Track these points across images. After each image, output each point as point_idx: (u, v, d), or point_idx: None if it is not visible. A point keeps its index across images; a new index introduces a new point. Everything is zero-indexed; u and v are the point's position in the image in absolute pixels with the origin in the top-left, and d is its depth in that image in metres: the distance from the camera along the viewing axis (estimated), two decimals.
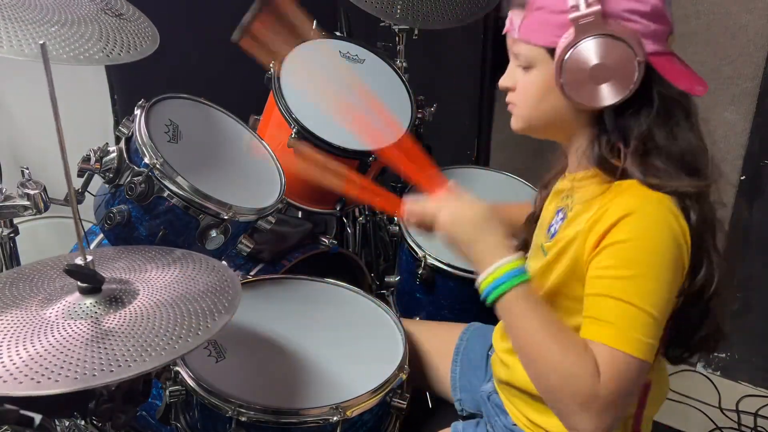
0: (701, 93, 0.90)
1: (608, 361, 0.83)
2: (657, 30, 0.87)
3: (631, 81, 0.85)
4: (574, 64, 0.86)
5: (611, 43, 0.84)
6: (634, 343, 0.83)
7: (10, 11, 1.10)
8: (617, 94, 0.86)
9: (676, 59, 0.91)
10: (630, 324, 0.83)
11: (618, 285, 0.85)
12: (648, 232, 0.85)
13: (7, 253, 1.22)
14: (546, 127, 0.98)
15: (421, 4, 1.71)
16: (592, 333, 0.85)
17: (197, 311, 0.89)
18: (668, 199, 0.86)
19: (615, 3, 0.85)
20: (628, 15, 0.86)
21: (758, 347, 2.07)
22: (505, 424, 1.11)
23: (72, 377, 0.75)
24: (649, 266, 0.84)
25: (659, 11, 0.87)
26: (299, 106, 1.52)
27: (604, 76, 0.85)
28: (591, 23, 0.84)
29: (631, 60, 0.84)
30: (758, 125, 1.85)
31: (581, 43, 0.85)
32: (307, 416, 1.05)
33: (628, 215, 0.85)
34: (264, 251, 1.50)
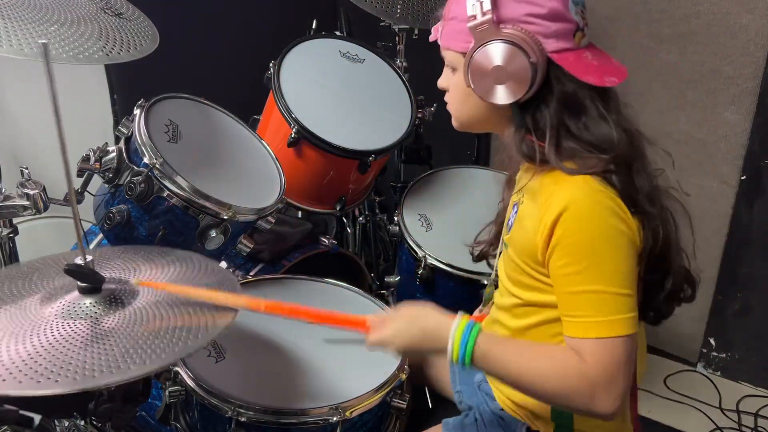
0: (613, 84, 0.94)
1: (597, 351, 0.88)
2: (559, 29, 0.92)
3: (527, 80, 0.91)
4: (477, 68, 0.94)
5: (505, 48, 0.91)
6: (614, 325, 0.87)
7: (10, 11, 1.10)
8: (517, 92, 0.93)
9: (586, 53, 0.95)
10: (603, 310, 0.88)
11: (578, 279, 0.89)
12: (585, 221, 0.89)
13: (6, 253, 1.22)
14: (477, 124, 1.05)
15: (421, 4, 1.72)
16: (574, 331, 0.90)
17: (197, 312, 0.89)
18: (590, 179, 0.90)
19: (511, 9, 0.92)
20: (527, 18, 0.92)
21: (758, 347, 2.07)
22: (493, 410, 1.12)
23: (72, 377, 0.75)
24: (598, 251, 0.89)
25: (558, 12, 0.92)
26: (299, 106, 1.52)
27: (503, 77, 0.92)
28: (486, 30, 0.92)
29: (524, 62, 0.90)
30: (758, 125, 1.85)
31: (479, 48, 0.93)
32: (307, 416, 1.05)
33: (563, 211, 0.89)
34: (264, 251, 1.50)
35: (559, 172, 0.93)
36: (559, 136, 0.93)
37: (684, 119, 1.94)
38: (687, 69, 1.88)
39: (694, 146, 1.95)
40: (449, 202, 1.69)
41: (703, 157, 1.95)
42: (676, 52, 1.88)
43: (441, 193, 1.71)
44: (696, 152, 1.95)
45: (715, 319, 2.09)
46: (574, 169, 0.91)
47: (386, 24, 1.77)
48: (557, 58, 0.92)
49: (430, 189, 1.72)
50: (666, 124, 1.95)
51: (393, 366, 1.16)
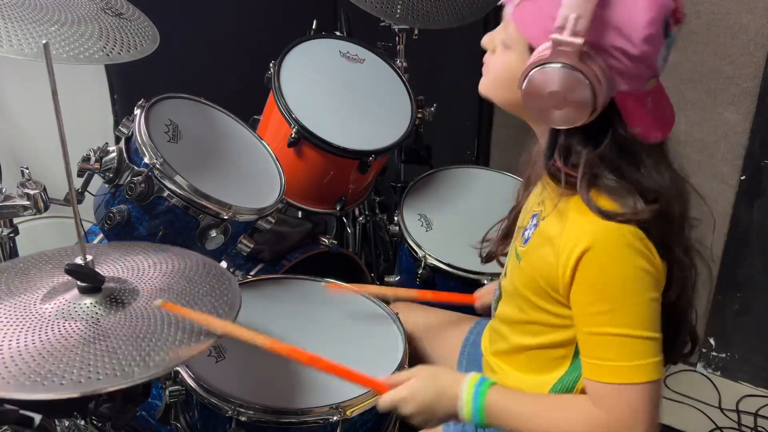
0: (655, 140, 0.88)
1: (617, 398, 0.85)
2: (638, 73, 0.84)
3: (581, 119, 0.83)
4: (537, 80, 0.84)
5: (577, 81, 0.81)
6: (637, 371, 0.84)
7: (10, 11, 1.10)
8: (566, 123, 0.85)
9: (647, 99, 0.88)
10: (626, 354, 0.85)
11: (603, 320, 0.86)
12: (612, 260, 0.85)
13: (6, 253, 1.22)
14: (506, 107, 0.97)
15: (421, 4, 1.71)
16: (594, 374, 0.87)
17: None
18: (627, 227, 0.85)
19: (604, 37, 0.81)
20: (613, 51, 0.82)
21: (758, 347, 2.06)
22: None
23: (76, 380, 0.75)
24: (624, 294, 0.85)
25: (647, 57, 0.83)
26: (299, 105, 1.52)
27: (559, 104, 0.83)
28: (569, 52, 0.81)
29: (588, 103, 0.82)
30: (758, 125, 1.85)
31: (550, 64, 0.82)
32: (307, 416, 1.05)
33: (589, 249, 0.85)
34: (264, 251, 1.50)
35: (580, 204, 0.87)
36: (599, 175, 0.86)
37: (684, 119, 1.94)
38: (687, 69, 1.88)
39: (694, 146, 1.94)
40: (449, 202, 1.69)
41: (703, 157, 1.95)
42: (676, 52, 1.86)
43: (441, 193, 1.71)
44: (696, 152, 1.95)
45: (715, 319, 2.09)
46: (607, 211, 0.84)
47: (386, 24, 1.77)
48: (620, 99, 0.84)
49: (430, 189, 1.72)
50: None
51: (393, 366, 1.16)
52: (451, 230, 1.58)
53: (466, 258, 1.44)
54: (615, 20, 0.80)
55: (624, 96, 0.85)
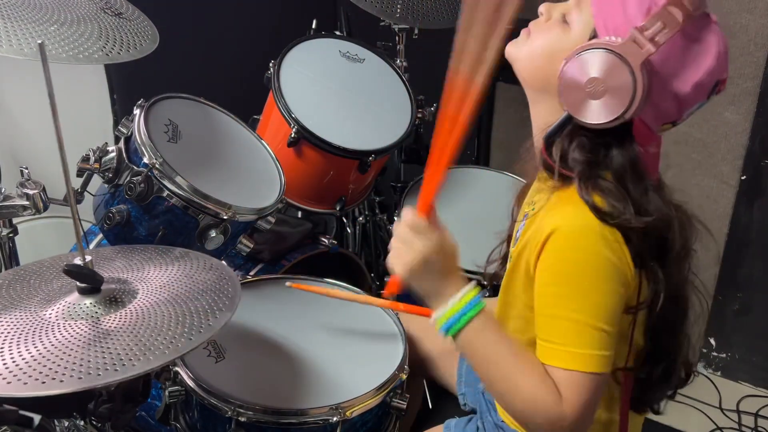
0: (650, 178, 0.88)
1: (567, 383, 0.84)
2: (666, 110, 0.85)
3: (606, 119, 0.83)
4: (591, 62, 0.82)
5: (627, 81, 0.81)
6: (587, 360, 0.83)
7: (9, 10, 1.10)
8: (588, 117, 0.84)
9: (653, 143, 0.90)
10: (579, 341, 0.83)
11: (558, 302, 0.85)
12: (573, 243, 0.84)
13: (6, 253, 1.22)
14: (529, 79, 0.94)
15: (421, 4, 1.71)
16: (547, 356, 0.86)
17: (197, 310, 0.89)
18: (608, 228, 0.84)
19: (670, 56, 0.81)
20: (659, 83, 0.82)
21: (758, 347, 2.07)
22: (495, 421, 1.11)
23: (76, 377, 0.75)
24: (583, 279, 0.84)
25: (684, 101, 0.84)
26: (299, 105, 1.52)
27: (596, 94, 0.83)
28: (636, 53, 0.80)
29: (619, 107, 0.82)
30: (758, 125, 1.85)
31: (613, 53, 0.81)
32: (306, 416, 1.05)
33: (553, 232, 0.84)
34: (264, 251, 1.50)
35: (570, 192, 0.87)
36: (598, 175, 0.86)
37: None
38: None
39: (694, 146, 1.95)
40: (449, 202, 1.68)
41: (703, 157, 1.95)
42: None
43: (441, 193, 1.71)
44: (696, 152, 1.95)
45: (715, 319, 2.09)
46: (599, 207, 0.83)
47: (386, 24, 1.77)
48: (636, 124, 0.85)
49: None
50: None
51: (393, 366, 1.15)
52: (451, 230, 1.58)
53: (466, 258, 1.44)
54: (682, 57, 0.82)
55: (640, 125, 0.86)
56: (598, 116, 0.83)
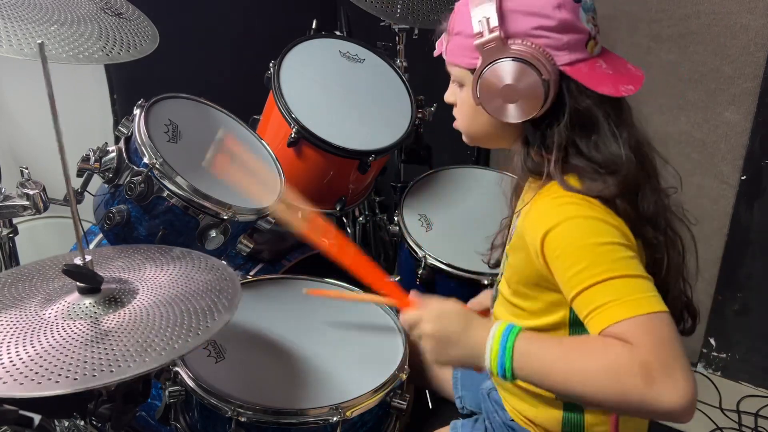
0: (628, 93, 0.90)
1: (631, 331, 0.79)
2: (571, 40, 0.89)
3: (539, 98, 0.88)
4: (485, 86, 0.91)
5: (515, 66, 0.88)
6: (640, 303, 0.80)
7: (9, 10, 1.10)
8: (529, 111, 0.90)
9: (600, 61, 0.92)
10: (622, 292, 0.81)
11: (586, 275, 0.84)
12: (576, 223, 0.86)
13: (6, 253, 1.22)
14: (486, 139, 1.03)
15: (421, 4, 1.71)
16: (600, 322, 0.82)
17: (197, 310, 0.89)
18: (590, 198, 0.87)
19: (518, 23, 0.88)
20: (535, 32, 0.88)
21: (758, 347, 2.06)
22: (504, 420, 1.11)
23: (72, 378, 0.75)
24: (595, 245, 0.84)
25: (569, 23, 0.88)
26: (299, 105, 1.52)
27: (514, 96, 0.89)
28: (494, 48, 0.88)
29: (536, 80, 0.87)
30: (758, 125, 1.85)
31: (487, 67, 0.90)
32: (306, 416, 1.05)
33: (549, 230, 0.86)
34: (264, 251, 1.50)
35: (552, 185, 0.91)
36: (567, 154, 0.90)
37: (684, 119, 1.94)
38: (687, 69, 1.88)
39: (694, 146, 1.95)
40: (449, 202, 1.68)
41: (703, 157, 1.95)
42: (676, 52, 1.88)
43: (441, 193, 1.71)
44: (696, 152, 1.95)
45: (715, 319, 2.09)
46: (577, 188, 0.88)
47: (386, 24, 1.77)
48: (570, 70, 0.89)
49: (430, 189, 1.72)
50: (666, 124, 1.95)
51: (393, 366, 1.15)
52: (451, 230, 1.58)
53: (466, 258, 1.44)
54: (521, 6, 0.89)
55: (573, 67, 0.89)
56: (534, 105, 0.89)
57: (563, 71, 0.89)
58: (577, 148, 0.90)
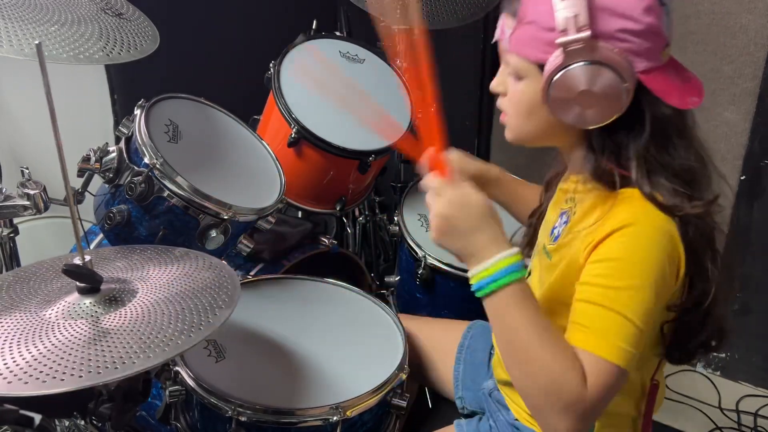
0: (694, 105, 0.88)
1: (594, 370, 0.83)
2: (651, 47, 0.85)
3: (618, 107, 0.84)
4: (561, 87, 0.85)
5: (599, 70, 0.83)
6: (618, 352, 0.83)
7: (9, 11, 1.10)
8: (603, 118, 0.85)
9: (669, 70, 0.89)
10: (615, 333, 0.84)
11: (608, 294, 0.85)
12: (642, 245, 0.85)
13: (6, 253, 1.22)
14: (538, 138, 0.97)
15: (421, 3, 1.71)
16: (579, 340, 0.85)
17: (197, 307, 0.89)
18: (667, 219, 0.86)
19: (606, 24, 0.83)
20: (621, 35, 0.83)
21: (758, 347, 2.06)
22: (507, 420, 1.11)
23: (77, 375, 0.75)
24: (640, 279, 0.84)
25: (654, 28, 0.85)
26: (299, 105, 1.52)
27: (591, 101, 0.84)
28: (580, 49, 0.82)
29: (619, 87, 0.83)
30: (758, 125, 1.85)
31: (569, 68, 0.84)
32: (306, 416, 1.05)
33: (626, 227, 0.85)
34: (264, 251, 1.50)
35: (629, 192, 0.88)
36: (649, 165, 0.86)
37: None
38: None
39: None
40: None
41: None
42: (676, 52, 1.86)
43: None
44: None
45: None
46: (660, 201, 0.85)
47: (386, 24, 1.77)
48: (645, 79, 0.85)
49: None
50: None
51: (393, 366, 1.16)
52: None
53: None
54: (611, 5, 0.83)
55: (648, 75, 0.85)
56: (610, 111, 0.85)
57: (640, 79, 0.85)
58: (657, 160, 0.87)
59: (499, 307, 0.87)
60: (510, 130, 0.98)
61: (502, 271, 0.86)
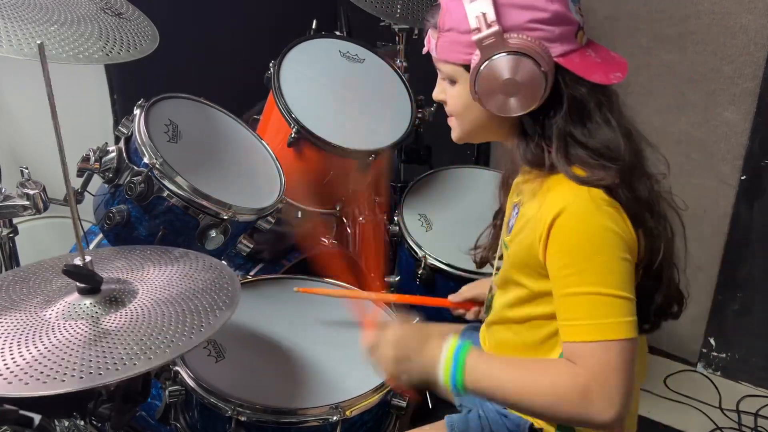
0: (618, 80, 0.92)
1: (588, 354, 0.86)
2: (563, 32, 0.90)
3: (539, 90, 0.90)
4: (485, 81, 0.91)
5: (515, 60, 0.89)
6: (607, 328, 0.86)
7: (9, 10, 1.10)
8: (528, 103, 0.91)
9: (589, 51, 0.94)
10: (596, 312, 0.86)
11: (572, 280, 0.88)
12: (582, 222, 0.88)
13: (6, 253, 1.22)
14: (479, 134, 1.03)
15: (421, 4, 1.71)
16: (568, 335, 0.89)
17: (198, 308, 0.89)
18: (596, 191, 0.89)
19: (514, 17, 0.89)
20: (530, 25, 0.89)
21: (758, 347, 2.06)
22: (497, 409, 1.11)
23: (78, 376, 0.75)
24: (592, 254, 0.87)
25: (561, 15, 0.90)
26: (299, 105, 1.52)
27: (514, 89, 0.90)
28: (493, 43, 0.89)
29: (536, 72, 0.89)
30: (758, 125, 1.85)
31: (487, 62, 0.90)
32: (306, 416, 1.05)
33: (561, 212, 0.88)
34: (264, 251, 1.50)
35: (556, 178, 0.92)
36: (567, 144, 0.92)
37: (684, 119, 1.93)
38: (687, 69, 1.88)
39: (694, 146, 1.94)
40: (449, 202, 1.68)
41: (703, 157, 1.95)
42: (676, 52, 1.88)
43: (441, 193, 1.71)
44: (696, 152, 1.95)
45: (715, 319, 2.09)
46: (582, 177, 0.90)
47: (386, 24, 1.77)
48: (563, 61, 0.90)
49: (430, 189, 1.72)
50: (666, 124, 1.95)
51: None
52: (451, 230, 1.58)
53: (466, 258, 1.44)
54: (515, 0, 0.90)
55: (566, 58, 0.91)
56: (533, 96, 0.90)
57: (558, 62, 0.90)
58: (575, 137, 0.92)
59: (477, 381, 0.91)
60: (454, 130, 1.05)
61: (455, 357, 0.91)
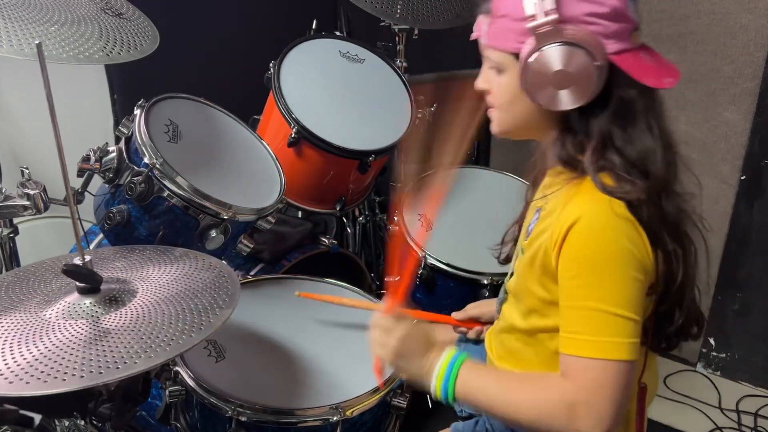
0: (670, 85, 0.90)
1: (582, 370, 0.85)
2: (619, 29, 0.88)
3: (591, 85, 0.87)
4: (536, 71, 0.88)
5: (570, 51, 0.86)
6: (607, 347, 0.84)
7: (9, 11, 1.10)
8: (579, 98, 0.88)
9: (642, 53, 0.91)
10: (599, 330, 0.85)
11: (579, 293, 0.87)
12: (597, 234, 0.86)
13: (6, 253, 1.22)
14: (522, 129, 1.00)
15: (421, 4, 1.72)
16: (566, 347, 0.88)
17: (198, 307, 0.89)
18: (618, 203, 0.87)
19: (573, 8, 0.87)
20: (588, 18, 0.87)
21: (758, 347, 2.06)
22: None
23: (78, 375, 0.75)
24: (603, 269, 0.86)
25: (620, 11, 0.88)
26: (299, 105, 1.52)
27: (565, 82, 0.87)
28: (549, 32, 0.86)
29: (590, 65, 0.86)
30: (758, 125, 1.85)
31: (540, 51, 0.87)
32: (306, 416, 1.05)
33: (577, 221, 0.86)
34: (264, 251, 1.50)
35: (586, 182, 0.89)
36: (605, 146, 0.89)
37: (684, 119, 1.94)
38: (687, 69, 1.88)
39: (694, 146, 1.95)
40: (449, 202, 1.68)
41: (703, 157, 1.95)
42: (676, 52, 1.88)
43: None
44: (696, 152, 1.95)
45: (715, 319, 2.09)
46: (608, 187, 0.87)
47: (386, 24, 1.77)
48: (617, 59, 0.87)
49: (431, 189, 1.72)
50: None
51: None
52: (451, 230, 1.58)
53: (466, 258, 1.44)
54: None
55: (620, 57, 0.88)
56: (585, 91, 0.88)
57: (611, 60, 0.87)
58: (613, 141, 0.89)
59: (467, 392, 0.92)
60: (495, 122, 1.01)
61: (448, 369, 0.92)
